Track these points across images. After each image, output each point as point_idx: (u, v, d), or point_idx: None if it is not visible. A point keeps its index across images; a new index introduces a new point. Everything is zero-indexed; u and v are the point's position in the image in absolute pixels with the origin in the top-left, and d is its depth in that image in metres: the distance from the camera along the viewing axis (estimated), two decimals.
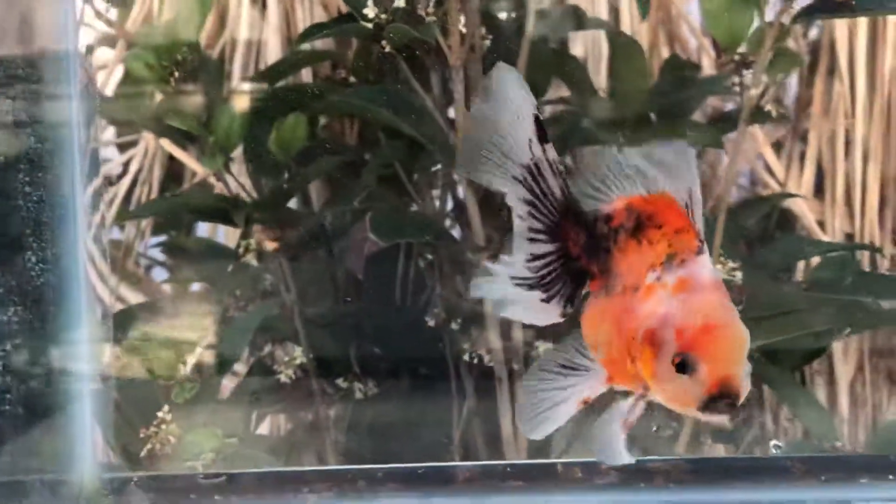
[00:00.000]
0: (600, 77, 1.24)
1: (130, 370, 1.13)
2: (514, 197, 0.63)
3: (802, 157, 1.60)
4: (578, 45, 1.25)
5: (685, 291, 0.59)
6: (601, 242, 0.63)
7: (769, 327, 1.08)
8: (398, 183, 1.14)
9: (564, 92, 1.21)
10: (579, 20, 1.18)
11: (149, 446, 1.04)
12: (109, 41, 1.27)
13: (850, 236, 1.86)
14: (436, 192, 1.17)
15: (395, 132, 1.11)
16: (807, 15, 1.02)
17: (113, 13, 1.25)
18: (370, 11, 0.99)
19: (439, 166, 1.11)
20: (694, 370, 0.57)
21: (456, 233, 1.14)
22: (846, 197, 1.80)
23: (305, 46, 1.16)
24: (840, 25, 1.69)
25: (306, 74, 1.23)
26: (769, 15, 1.05)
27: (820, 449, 1.08)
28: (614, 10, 1.27)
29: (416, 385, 1.18)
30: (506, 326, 1.11)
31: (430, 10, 1.01)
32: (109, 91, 1.25)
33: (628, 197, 0.62)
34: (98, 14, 1.22)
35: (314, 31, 1.04)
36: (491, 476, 1.02)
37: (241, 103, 1.17)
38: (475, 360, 1.13)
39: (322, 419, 1.21)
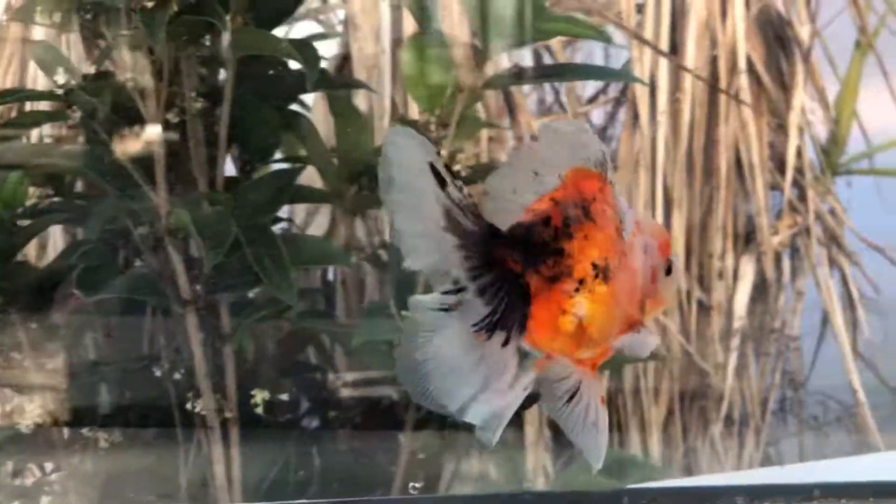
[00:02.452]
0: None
1: None
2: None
3: None
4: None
5: (641, 229, 0.63)
6: (548, 246, 0.60)
7: None
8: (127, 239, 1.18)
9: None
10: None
11: None
12: None
13: None
14: None
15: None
16: (497, 80, 1.08)
17: None
18: (60, 78, 1.03)
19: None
20: (670, 270, 0.65)
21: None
22: None
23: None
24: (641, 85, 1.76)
25: None
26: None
27: None
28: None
29: (145, 434, 1.21)
30: (218, 375, 1.15)
31: (129, 75, 1.05)
32: None
33: (544, 194, 0.60)
34: None
35: (6, 95, 1.09)
36: None
37: None
38: (194, 409, 1.16)
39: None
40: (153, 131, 1.06)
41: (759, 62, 1.91)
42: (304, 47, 1.01)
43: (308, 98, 1.41)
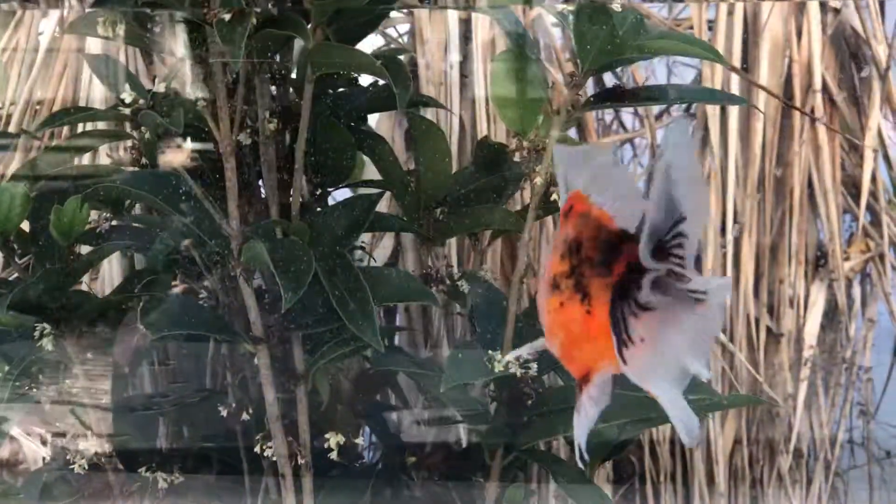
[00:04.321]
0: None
1: None
2: None
3: None
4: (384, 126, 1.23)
5: None
6: None
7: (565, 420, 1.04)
8: (191, 270, 1.10)
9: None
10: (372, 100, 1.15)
11: None
12: None
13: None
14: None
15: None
16: (592, 104, 0.99)
17: None
18: (127, 96, 0.95)
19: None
20: None
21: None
22: (721, 270, 1.79)
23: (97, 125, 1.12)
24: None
25: None
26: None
27: None
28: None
29: (210, 478, 1.13)
30: (291, 420, 1.07)
31: (199, 94, 0.97)
32: None
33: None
34: None
35: (62, 115, 1.00)
36: None
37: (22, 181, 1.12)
38: (264, 453, 1.08)
39: None
40: (225, 154, 0.98)
41: (833, 81, 1.83)
42: (393, 64, 0.92)
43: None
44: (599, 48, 0.93)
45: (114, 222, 1.11)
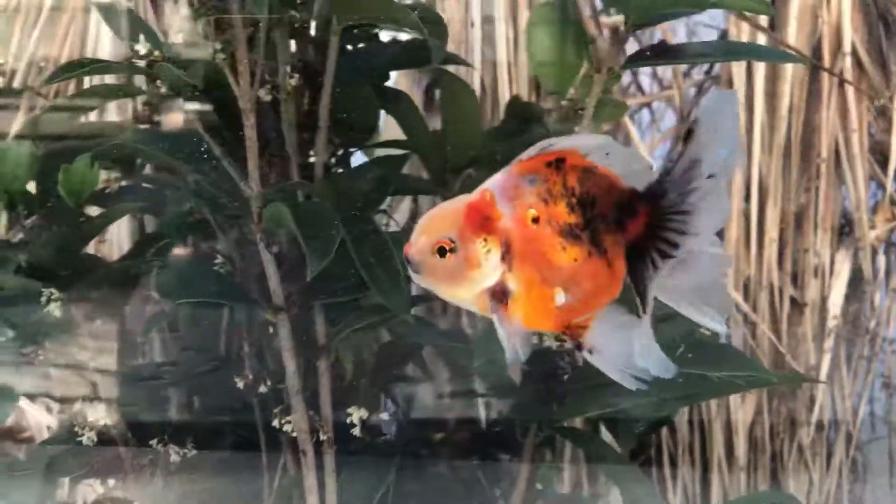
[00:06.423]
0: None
1: None
2: None
3: None
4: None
5: None
6: None
7: (599, 397, 0.99)
8: (206, 233, 1.04)
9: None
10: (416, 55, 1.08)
11: None
12: None
13: (747, 277, 1.79)
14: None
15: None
16: (636, 61, 0.93)
17: None
18: (142, 48, 0.89)
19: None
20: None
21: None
22: (745, 238, 1.73)
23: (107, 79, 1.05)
24: (738, 63, 1.63)
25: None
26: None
27: None
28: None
29: (224, 454, 1.08)
30: (312, 393, 1.01)
31: (218, 47, 0.90)
32: None
33: None
34: None
35: (73, 67, 0.93)
36: None
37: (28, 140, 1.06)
38: (283, 428, 1.02)
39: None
40: (245, 111, 0.92)
41: (861, 45, 1.77)
42: (429, 15, 0.85)
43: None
44: (647, 2, 0.87)
45: (123, 183, 1.05)
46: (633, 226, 0.64)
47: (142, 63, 0.89)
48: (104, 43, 1.26)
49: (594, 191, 0.64)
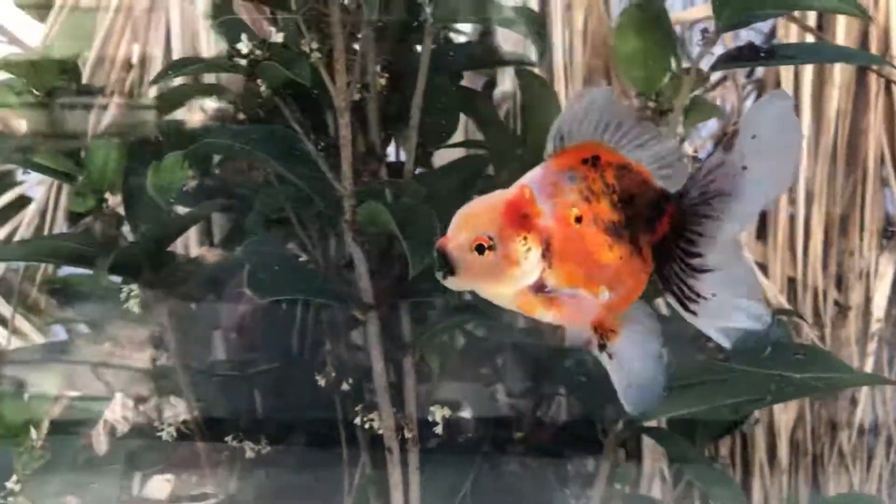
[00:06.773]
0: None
1: None
2: None
3: None
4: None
5: None
6: None
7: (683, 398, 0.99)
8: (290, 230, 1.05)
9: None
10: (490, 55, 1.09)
11: None
12: None
13: (792, 280, 1.80)
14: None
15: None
16: (725, 63, 0.94)
17: None
18: (244, 47, 0.89)
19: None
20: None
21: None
22: (789, 240, 1.74)
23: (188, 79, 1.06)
24: (786, 67, 1.64)
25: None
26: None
27: None
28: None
29: (304, 451, 1.08)
30: (396, 390, 1.02)
31: (315, 46, 0.91)
32: None
33: None
34: None
35: (179, 65, 0.94)
36: None
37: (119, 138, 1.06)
38: (367, 426, 1.03)
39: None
40: (340, 110, 0.92)
41: None
42: (526, 15, 0.86)
43: None
44: (740, 2, 0.88)
45: (209, 183, 1.06)
46: (660, 225, 0.64)
47: (243, 62, 0.89)
48: (174, 41, 1.26)
49: (631, 188, 0.64)
